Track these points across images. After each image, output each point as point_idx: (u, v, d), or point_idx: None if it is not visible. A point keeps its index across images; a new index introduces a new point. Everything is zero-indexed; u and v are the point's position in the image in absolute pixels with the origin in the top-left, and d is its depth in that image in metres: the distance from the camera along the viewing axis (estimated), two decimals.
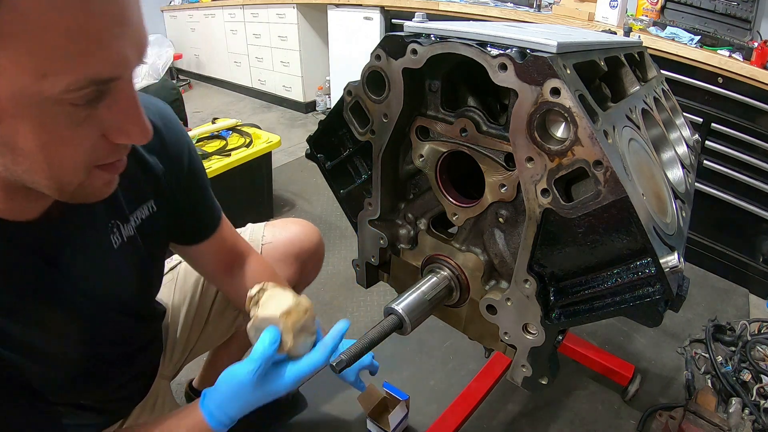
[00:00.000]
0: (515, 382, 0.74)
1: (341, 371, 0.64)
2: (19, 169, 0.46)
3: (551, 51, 0.55)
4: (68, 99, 0.41)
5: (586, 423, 1.38)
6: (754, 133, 1.86)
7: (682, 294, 0.57)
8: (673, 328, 1.75)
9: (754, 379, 1.47)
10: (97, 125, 0.46)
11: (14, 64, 0.38)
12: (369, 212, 0.84)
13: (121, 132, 0.48)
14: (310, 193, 2.71)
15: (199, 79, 5.43)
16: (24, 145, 0.43)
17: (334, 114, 0.83)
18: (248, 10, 4.20)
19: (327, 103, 4.09)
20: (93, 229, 0.65)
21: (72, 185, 0.49)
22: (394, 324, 0.69)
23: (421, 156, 0.75)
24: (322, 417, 1.39)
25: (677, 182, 0.88)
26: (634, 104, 0.85)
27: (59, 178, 0.47)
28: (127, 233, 0.70)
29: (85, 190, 0.51)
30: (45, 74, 0.39)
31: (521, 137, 0.57)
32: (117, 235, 0.68)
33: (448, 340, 1.66)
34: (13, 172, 0.46)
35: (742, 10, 2.11)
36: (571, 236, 0.60)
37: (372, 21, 3.16)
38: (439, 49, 0.63)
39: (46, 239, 0.58)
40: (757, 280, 2.00)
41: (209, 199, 0.86)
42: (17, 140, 0.43)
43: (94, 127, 0.46)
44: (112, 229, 0.68)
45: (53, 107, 0.41)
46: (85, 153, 0.47)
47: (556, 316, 0.66)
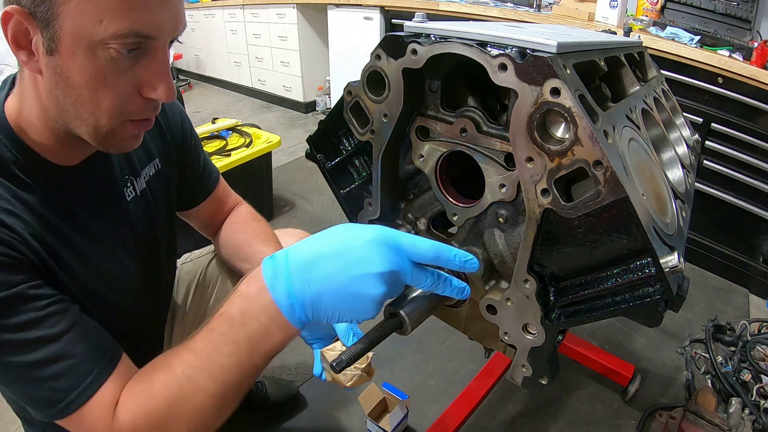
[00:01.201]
0: (515, 382, 0.74)
1: (341, 371, 0.64)
2: (68, 101, 0.56)
3: (551, 51, 0.55)
4: (115, 45, 0.52)
5: (586, 423, 1.38)
6: (754, 133, 1.86)
7: (682, 294, 0.57)
8: (673, 328, 1.75)
9: (754, 379, 1.47)
10: (134, 79, 0.57)
11: (79, 9, 0.50)
12: (369, 212, 0.84)
13: (152, 88, 0.58)
14: (310, 193, 2.71)
15: (199, 79, 5.43)
16: (75, 78, 0.54)
17: (334, 114, 0.83)
18: (248, 10, 4.20)
19: (327, 103, 4.09)
20: (114, 180, 0.75)
21: (106, 128, 0.59)
22: (394, 324, 0.69)
23: (421, 156, 0.75)
24: (322, 417, 1.39)
25: (677, 182, 0.88)
26: (634, 104, 0.85)
27: (97, 117, 0.57)
28: (140, 187, 0.80)
29: (115, 138, 0.61)
30: (101, 20, 0.51)
31: (521, 137, 0.57)
32: (130, 189, 0.78)
33: (448, 340, 1.66)
34: (62, 105, 0.57)
35: (742, 10, 2.11)
36: (571, 236, 0.60)
37: (372, 21, 3.16)
38: (439, 49, 0.63)
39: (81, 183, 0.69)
40: (757, 280, 2.00)
41: (206, 156, 0.99)
42: (71, 72, 0.54)
43: (131, 79, 0.57)
44: (126, 183, 0.77)
45: (103, 50, 0.53)
46: (121, 100, 0.57)
47: (556, 316, 0.66)
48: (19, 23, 0.52)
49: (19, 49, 0.54)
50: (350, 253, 0.48)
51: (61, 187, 0.66)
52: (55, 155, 0.65)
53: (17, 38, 0.54)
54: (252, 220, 1.01)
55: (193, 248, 1.14)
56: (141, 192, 0.80)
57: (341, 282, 0.48)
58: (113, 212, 0.75)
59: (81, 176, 0.69)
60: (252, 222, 1.01)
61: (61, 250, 0.64)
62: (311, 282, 0.48)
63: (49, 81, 0.56)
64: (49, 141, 0.63)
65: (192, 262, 1.10)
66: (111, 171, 0.74)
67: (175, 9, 0.57)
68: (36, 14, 0.51)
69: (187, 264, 1.09)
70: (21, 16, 0.52)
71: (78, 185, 0.68)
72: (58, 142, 0.63)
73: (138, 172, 0.80)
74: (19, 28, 0.53)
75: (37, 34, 0.53)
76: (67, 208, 0.67)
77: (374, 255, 0.48)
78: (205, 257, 1.10)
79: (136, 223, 0.80)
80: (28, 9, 0.51)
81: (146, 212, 0.82)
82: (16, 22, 0.52)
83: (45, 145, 0.63)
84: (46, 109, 0.59)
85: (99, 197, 0.72)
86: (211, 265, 1.09)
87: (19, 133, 0.62)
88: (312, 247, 0.50)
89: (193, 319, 1.06)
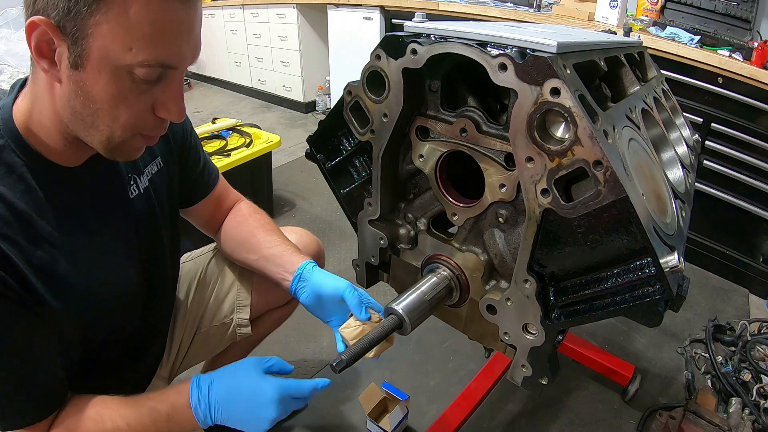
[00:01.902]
0: (515, 382, 0.74)
1: (341, 371, 0.64)
2: (86, 113, 0.59)
3: (551, 51, 0.55)
4: (140, 72, 0.56)
5: (586, 423, 1.38)
6: (754, 133, 1.85)
7: (682, 294, 0.57)
8: (673, 328, 1.75)
9: (754, 379, 1.47)
10: (151, 99, 0.61)
11: (111, 34, 0.53)
12: (369, 212, 0.84)
13: (165, 108, 0.63)
14: (310, 193, 2.71)
15: (199, 79, 5.43)
16: (96, 94, 0.57)
17: (334, 114, 0.83)
18: (248, 10, 4.20)
19: (327, 103, 4.09)
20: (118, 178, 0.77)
21: (119, 140, 0.62)
22: (394, 324, 0.69)
23: (421, 156, 0.75)
24: (322, 417, 1.39)
25: (677, 182, 0.88)
26: (634, 104, 0.85)
27: (112, 130, 0.61)
28: (143, 185, 0.82)
29: (124, 148, 0.64)
30: (131, 48, 0.54)
31: (521, 137, 0.57)
32: (134, 187, 0.80)
33: (448, 340, 1.66)
34: (79, 115, 0.60)
35: (742, 10, 2.10)
36: (571, 236, 0.60)
37: (372, 21, 3.16)
38: (439, 49, 0.63)
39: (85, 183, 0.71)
40: (757, 280, 2.00)
41: (205, 155, 1.00)
42: (93, 88, 0.57)
43: (148, 99, 0.61)
44: (130, 181, 0.79)
45: (127, 73, 0.57)
46: (136, 116, 0.61)
47: (556, 316, 0.66)
48: (44, 33, 0.54)
49: (42, 57, 0.56)
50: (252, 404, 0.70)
51: (67, 188, 0.68)
52: (61, 157, 0.66)
53: (40, 47, 0.55)
54: (254, 213, 1.02)
55: (193, 247, 1.14)
56: (144, 190, 0.82)
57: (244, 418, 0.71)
58: (117, 210, 0.76)
59: (85, 176, 0.70)
60: (254, 215, 1.02)
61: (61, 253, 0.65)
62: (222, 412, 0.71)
63: (69, 92, 0.58)
64: (58, 144, 0.65)
65: (193, 260, 1.10)
66: (114, 170, 0.76)
67: (197, 42, 0.62)
68: (65, 29, 0.53)
69: (188, 262, 1.10)
70: (48, 28, 0.53)
71: (82, 185, 0.70)
72: (66, 145, 0.65)
73: (141, 170, 0.81)
74: (44, 38, 0.54)
75: (63, 46, 0.55)
76: (71, 208, 0.68)
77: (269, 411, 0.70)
78: (205, 256, 1.11)
79: (139, 221, 0.80)
80: (55, 22, 0.53)
81: (149, 210, 0.83)
82: (41, 32, 0.54)
83: (52, 148, 0.65)
84: (60, 114, 0.61)
85: (103, 196, 0.74)
86: (211, 264, 1.10)
87: (27, 136, 0.63)
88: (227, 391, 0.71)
89: (193, 317, 1.06)
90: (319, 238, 1.18)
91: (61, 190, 0.67)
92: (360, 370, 1.51)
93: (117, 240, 0.76)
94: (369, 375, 1.49)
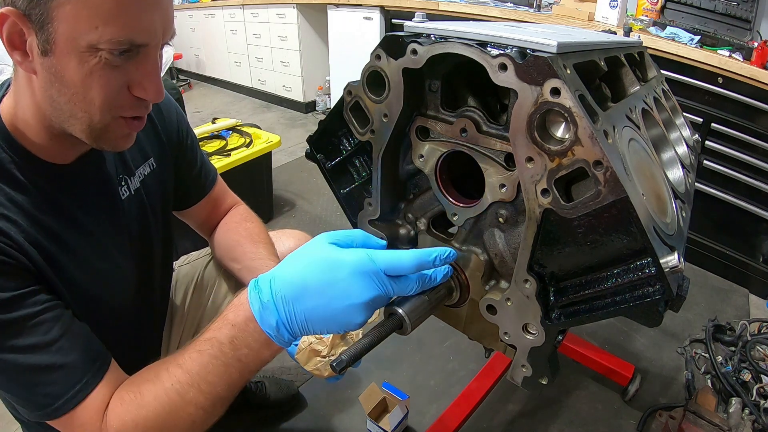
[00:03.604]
0: (515, 382, 0.74)
1: (341, 371, 0.64)
2: (62, 100, 0.58)
3: (551, 51, 0.55)
4: (108, 51, 0.54)
5: (586, 423, 1.38)
6: (754, 133, 1.86)
7: (682, 294, 0.57)
8: (673, 328, 1.75)
9: (754, 379, 1.47)
10: (125, 76, 0.59)
11: (74, 14, 0.52)
12: (369, 212, 0.84)
13: (141, 87, 0.60)
14: (310, 193, 2.71)
15: (199, 79, 5.43)
16: (69, 78, 0.56)
17: (334, 114, 0.83)
18: (248, 10, 4.20)
19: (327, 103, 4.09)
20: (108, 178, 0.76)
21: (99, 124, 0.60)
22: (394, 324, 0.69)
23: (421, 156, 0.75)
24: (322, 417, 1.39)
25: (677, 182, 0.88)
26: (634, 104, 0.85)
27: (90, 115, 0.59)
28: (134, 186, 0.81)
29: (108, 135, 0.62)
30: (96, 26, 0.53)
31: (521, 137, 0.57)
32: (125, 188, 0.79)
33: (448, 340, 1.66)
34: (57, 104, 0.58)
35: (742, 10, 2.10)
36: (571, 236, 0.60)
37: (372, 21, 3.16)
38: (439, 49, 0.63)
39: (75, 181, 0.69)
40: (757, 280, 2.00)
41: (203, 156, 0.99)
42: (65, 72, 0.55)
43: (122, 76, 0.58)
44: (121, 182, 0.78)
45: (95, 53, 0.54)
46: (111, 95, 0.59)
47: (556, 316, 0.66)
48: (14, 24, 0.53)
49: (14, 49, 0.56)
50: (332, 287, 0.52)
51: (56, 186, 0.67)
52: (50, 154, 0.66)
53: (12, 39, 0.55)
54: (245, 221, 1.01)
55: (191, 248, 1.14)
56: (135, 191, 0.81)
57: (326, 313, 0.53)
58: (108, 210, 0.76)
59: (75, 174, 0.70)
60: (245, 222, 1.01)
61: (55, 250, 0.65)
62: (298, 314, 0.53)
63: (44, 81, 0.57)
64: (44, 140, 0.64)
65: (190, 264, 1.10)
66: (105, 169, 0.75)
67: (167, 16, 0.59)
68: (31, 16, 0.53)
69: (185, 266, 1.09)
70: (16, 18, 0.53)
71: (72, 183, 0.69)
72: (53, 140, 0.65)
73: (132, 171, 0.81)
74: (14, 29, 0.54)
75: (32, 35, 0.54)
76: (62, 207, 0.67)
77: (355, 287, 0.52)
78: (202, 259, 1.10)
79: (130, 222, 0.80)
80: (23, 11, 0.52)
81: (141, 211, 0.82)
82: (11, 23, 0.53)
83: (40, 145, 0.64)
84: (41, 107, 0.60)
85: (93, 195, 0.73)
86: (209, 267, 1.09)
87: (14, 133, 0.63)
88: (295, 278, 0.53)
89: (191, 321, 1.05)
90: None
91: (52, 187, 0.66)
92: (360, 370, 1.51)
93: (110, 241, 0.75)
94: (369, 375, 1.49)
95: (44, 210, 0.65)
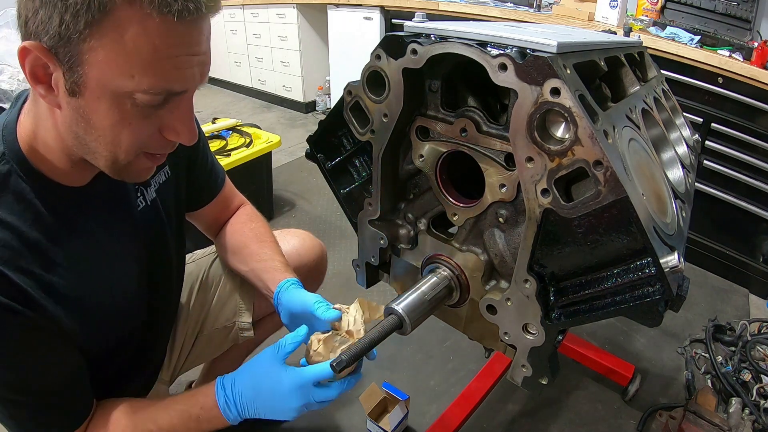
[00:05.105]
0: (515, 382, 0.74)
1: (341, 371, 0.64)
2: (89, 138, 0.57)
3: (551, 51, 0.55)
4: (143, 99, 0.53)
5: (586, 423, 1.38)
6: (754, 133, 1.85)
7: (682, 294, 0.57)
8: (673, 328, 1.75)
9: (754, 379, 1.47)
10: (158, 121, 0.58)
11: (109, 62, 0.50)
12: (369, 212, 0.84)
13: (175, 132, 0.60)
14: (310, 193, 2.71)
15: None
16: (98, 121, 0.55)
17: (334, 114, 0.83)
18: (248, 10, 4.20)
19: (327, 103, 4.09)
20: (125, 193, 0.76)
21: (122, 162, 0.60)
22: (394, 324, 0.69)
23: (421, 156, 0.75)
24: (322, 417, 1.39)
25: (677, 182, 0.88)
26: (634, 104, 0.85)
27: (115, 154, 0.58)
28: (150, 197, 0.80)
29: (129, 169, 0.62)
30: (132, 75, 0.51)
31: (521, 137, 0.57)
32: (141, 199, 0.79)
33: (448, 340, 1.66)
34: (82, 140, 0.57)
35: (742, 10, 2.10)
36: (571, 236, 0.60)
37: (372, 21, 3.16)
38: (439, 49, 0.63)
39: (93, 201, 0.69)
40: (757, 280, 2.00)
41: (212, 157, 0.98)
42: (93, 115, 0.54)
43: (155, 122, 0.58)
44: (137, 194, 0.78)
45: (129, 100, 0.53)
46: (142, 140, 0.59)
47: (556, 316, 0.66)
48: (37, 59, 0.51)
49: (38, 83, 0.53)
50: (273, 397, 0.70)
51: (76, 210, 0.67)
52: (67, 178, 0.65)
53: (35, 72, 0.53)
54: (251, 222, 1.01)
55: (193, 248, 1.13)
56: (151, 201, 0.81)
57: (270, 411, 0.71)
58: (125, 224, 0.75)
59: (92, 195, 0.69)
60: (250, 223, 1.01)
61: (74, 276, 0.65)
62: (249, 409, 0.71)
63: (70, 118, 0.56)
64: (63, 164, 0.63)
65: (195, 262, 1.10)
66: (121, 185, 0.74)
67: (204, 61, 0.57)
68: (58, 54, 0.50)
69: (190, 264, 1.09)
70: (41, 53, 0.50)
71: (90, 204, 0.69)
72: (72, 165, 0.64)
73: (148, 182, 0.80)
74: (38, 63, 0.52)
75: (58, 71, 0.52)
76: (81, 229, 0.67)
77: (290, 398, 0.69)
78: (207, 257, 1.10)
79: (146, 233, 0.80)
80: (47, 46, 0.50)
81: (157, 221, 0.82)
82: (34, 57, 0.51)
83: (59, 169, 0.63)
84: (64, 139, 0.59)
85: (110, 212, 0.73)
86: (214, 266, 1.09)
87: (32, 157, 0.62)
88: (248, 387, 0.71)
89: (195, 320, 1.06)
90: (321, 240, 1.18)
91: (70, 212, 0.66)
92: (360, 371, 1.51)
93: (126, 254, 0.76)
94: (369, 375, 1.49)
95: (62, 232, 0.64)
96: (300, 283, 0.87)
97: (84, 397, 0.71)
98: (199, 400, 0.73)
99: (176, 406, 0.73)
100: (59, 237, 0.64)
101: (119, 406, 0.73)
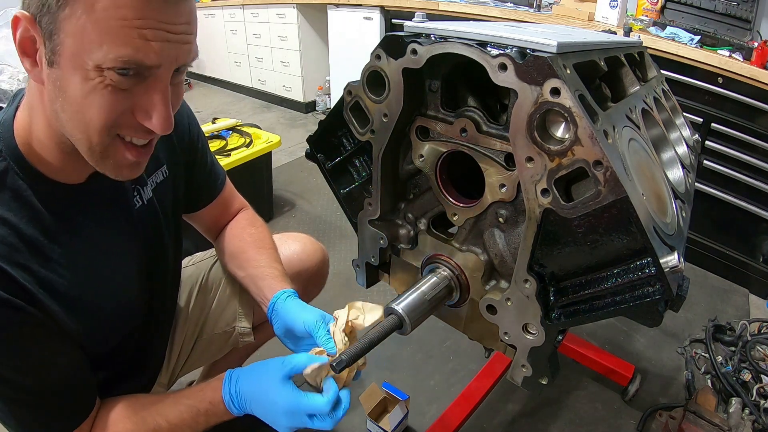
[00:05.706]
0: (515, 382, 0.74)
1: (341, 371, 0.64)
2: (65, 117, 0.56)
3: (551, 51, 0.55)
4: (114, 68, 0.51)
5: (586, 423, 1.38)
6: (754, 133, 1.86)
7: (682, 294, 0.57)
8: (673, 328, 1.75)
9: (754, 379, 1.47)
10: (130, 99, 0.56)
11: (81, 29, 0.50)
12: (369, 212, 0.84)
13: (146, 115, 0.57)
14: (310, 193, 2.71)
15: (199, 79, 5.43)
16: (71, 93, 0.54)
17: (334, 114, 0.83)
18: (248, 10, 4.20)
19: (327, 103, 4.09)
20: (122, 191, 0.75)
21: (98, 146, 0.58)
22: (394, 324, 0.69)
23: (421, 156, 0.75)
24: None
25: (677, 182, 0.88)
26: (634, 104, 0.85)
27: (89, 135, 0.56)
28: (147, 196, 0.80)
29: (109, 159, 0.60)
30: (102, 44, 0.50)
31: (521, 137, 0.57)
32: (138, 198, 0.78)
33: (448, 340, 1.66)
34: (60, 119, 0.56)
35: (742, 10, 2.10)
36: (571, 236, 0.60)
37: (372, 21, 3.16)
38: (439, 49, 0.63)
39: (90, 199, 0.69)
40: (757, 280, 2.00)
41: (213, 158, 0.98)
42: (68, 86, 0.53)
43: (126, 101, 0.55)
44: (134, 192, 0.77)
45: (99, 72, 0.52)
46: (112, 117, 0.56)
47: (556, 316, 0.66)
48: (26, 30, 0.52)
49: (25, 56, 0.54)
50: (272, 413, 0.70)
51: (74, 208, 0.67)
52: (63, 174, 0.64)
53: (24, 44, 0.54)
54: (250, 226, 1.00)
55: (193, 250, 1.13)
56: (148, 201, 0.80)
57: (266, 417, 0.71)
58: (122, 223, 0.75)
59: (89, 192, 0.69)
60: (250, 228, 1.00)
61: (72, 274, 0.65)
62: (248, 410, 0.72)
63: (50, 93, 0.55)
64: (58, 159, 0.62)
65: (194, 265, 1.09)
66: (118, 183, 0.73)
67: (183, 40, 0.55)
68: (41, 23, 0.51)
69: (190, 267, 1.08)
70: (27, 23, 0.52)
71: (87, 202, 0.69)
72: (66, 158, 0.63)
73: (145, 181, 0.79)
74: (27, 35, 0.53)
75: (41, 43, 0.53)
76: (78, 227, 0.67)
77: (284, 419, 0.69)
78: (207, 261, 1.10)
79: (143, 232, 0.79)
80: (32, 15, 0.51)
81: (154, 220, 0.82)
82: (23, 28, 0.52)
83: (54, 165, 0.63)
84: (51, 122, 0.59)
85: (108, 210, 0.72)
86: (214, 269, 1.08)
87: (28, 155, 0.62)
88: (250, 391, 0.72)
89: (195, 323, 1.05)
90: (321, 243, 1.16)
91: (68, 210, 0.66)
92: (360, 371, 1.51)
93: (123, 253, 0.76)
94: (369, 375, 1.49)
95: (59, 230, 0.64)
96: (296, 294, 0.85)
97: (87, 393, 0.71)
98: (207, 395, 0.73)
99: (185, 401, 0.73)
100: (57, 235, 0.64)
101: (125, 402, 0.73)
